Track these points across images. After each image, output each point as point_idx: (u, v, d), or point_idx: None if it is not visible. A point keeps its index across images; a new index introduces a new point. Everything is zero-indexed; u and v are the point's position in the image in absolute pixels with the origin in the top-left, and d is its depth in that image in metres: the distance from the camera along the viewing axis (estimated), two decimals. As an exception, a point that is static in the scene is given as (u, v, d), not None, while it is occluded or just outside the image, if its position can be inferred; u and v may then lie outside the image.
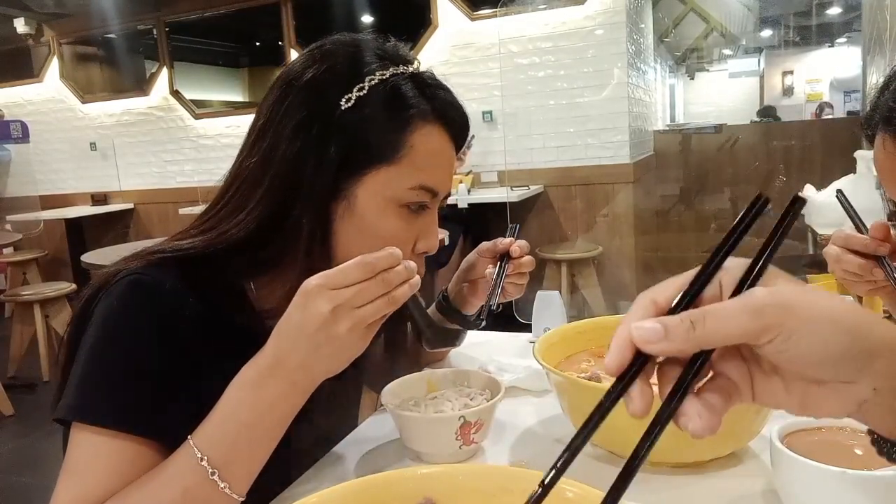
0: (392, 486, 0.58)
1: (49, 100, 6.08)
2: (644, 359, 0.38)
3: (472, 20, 4.59)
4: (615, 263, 4.40)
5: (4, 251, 5.38)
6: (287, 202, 0.77)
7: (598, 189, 4.40)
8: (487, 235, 1.10)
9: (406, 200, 0.80)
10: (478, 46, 4.58)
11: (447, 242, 3.41)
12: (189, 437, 0.67)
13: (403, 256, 0.67)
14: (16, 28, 5.76)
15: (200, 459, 0.66)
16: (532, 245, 1.23)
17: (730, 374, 0.40)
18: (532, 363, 0.95)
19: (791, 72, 8.96)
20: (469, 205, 4.13)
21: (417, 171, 0.79)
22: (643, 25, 5.05)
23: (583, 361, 0.97)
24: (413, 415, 0.85)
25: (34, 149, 6.10)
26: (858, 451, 0.65)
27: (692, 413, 0.37)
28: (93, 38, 6.09)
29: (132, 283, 0.74)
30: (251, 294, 0.83)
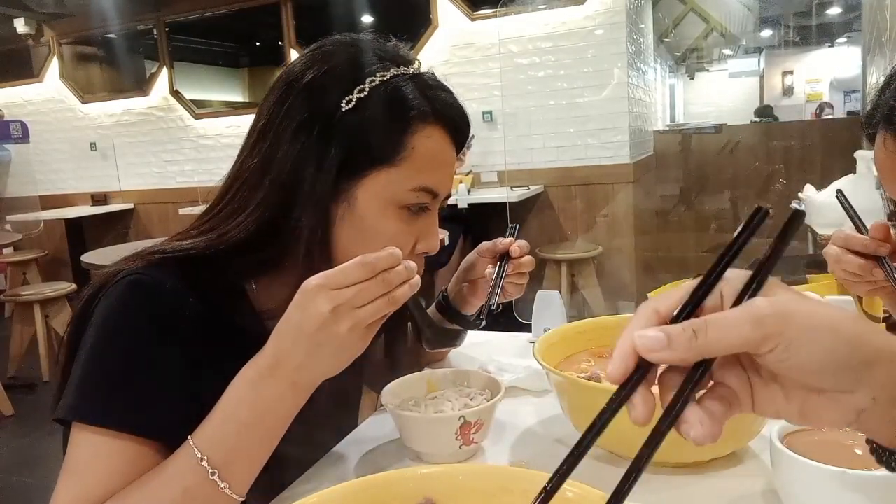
0: (392, 486, 0.58)
1: (49, 100, 6.08)
2: (646, 367, 0.38)
3: (472, 20, 4.59)
4: (615, 263, 4.40)
5: (4, 251, 5.38)
6: (287, 203, 0.77)
7: (598, 189, 4.40)
8: (487, 235, 1.09)
9: (406, 202, 0.80)
10: (478, 46, 4.57)
11: (447, 242, 3.41)
12: (189, 438, 0.67)
13: (403, 257, 0.67)
14: (16, 28, 5.76)
15: (200, 459, 0.66)
16: (532, 245, 1.23)
17: (730, 383, 0.40)
18: (532, 363, 0.95)
19: (791, 72, 8.97)
20: (469, 205, 4.13)
21: (418, 173, 0.79)
22: (643, 25, 5.04)
23: (583, 361, 0.97)
24: (413, 415, 0.85)
25: (34, 149, 6.10)
26: (858, 451, 0.65)
27: (694, 420, 0.37)
28: (93, 38, 6.09)
29: (132, 284, 0.74)
30: (251, 295, 0.83)
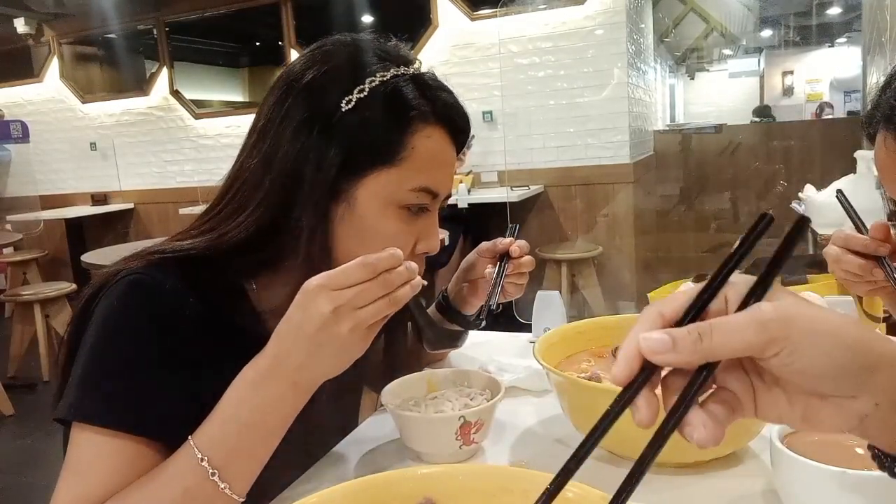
0: (392, 486, 0.58)
1: (49, 100, 6.08)
2: (650, 370, 0.38)
3: (472, 20, 4.59)
4: (615, 263, 4.40)
5: (4, 251, 5.38)
6: (287, 203, 0.77)
7: (598, 189, 4.40)
8: (487, 235, 1.09)
9: (406, 202, 0.80)
10: (478, 46, 4.57)
11: (447, 242, 3.41)
12: (189, 438, 0.67)
13: (404, 257, 0.67)
14: (16, 28, 5.76)
15: (201, 460, 0.66)
16: (532, 245, 1.23)
17: (733, 388, 0.40)
18: (532, 363, 0.95)
19: (791, 72, 8.96)
20: (469, 205, 4.13)
21: (418, 173, 0.79)
22: (643, 25, 5.04)
23: (583, 361, 0.97)
24: (413, 415, 0.85)
25: (34, 149, 6.10)
26: (858, 451, 0.65)
27: (697, 423, 0.38)
28: (93, 38, 6.09)
29: (132, 283, 0.74)
30: (251, 295, 0.83)
